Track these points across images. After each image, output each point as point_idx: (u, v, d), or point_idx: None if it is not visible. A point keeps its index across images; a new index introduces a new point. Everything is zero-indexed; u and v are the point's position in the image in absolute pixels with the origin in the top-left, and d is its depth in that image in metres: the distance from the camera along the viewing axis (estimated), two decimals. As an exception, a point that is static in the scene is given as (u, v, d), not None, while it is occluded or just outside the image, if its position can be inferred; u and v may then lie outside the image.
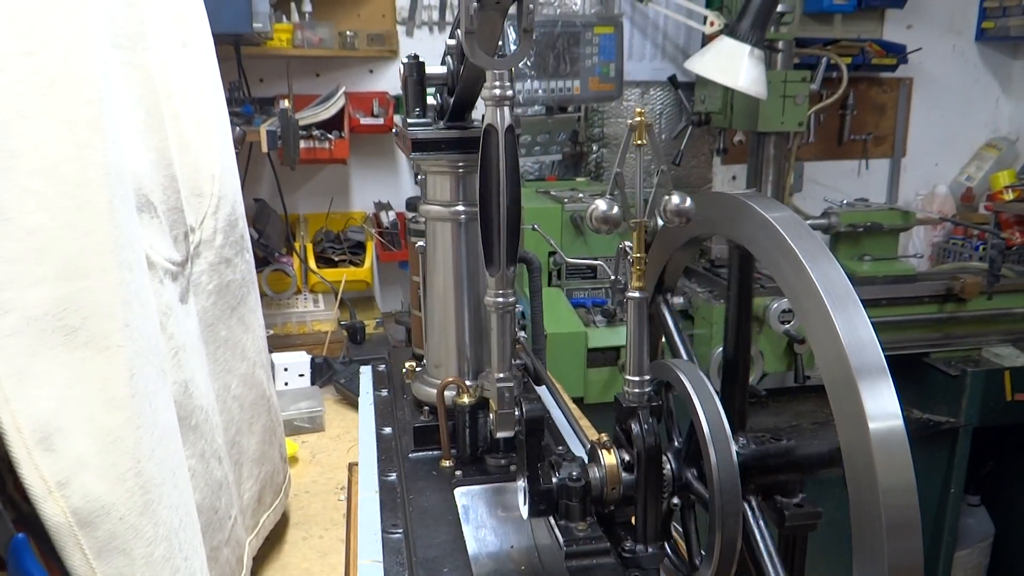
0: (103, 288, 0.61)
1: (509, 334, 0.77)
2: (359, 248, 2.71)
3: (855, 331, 0.61)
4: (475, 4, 0.65)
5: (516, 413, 0.78)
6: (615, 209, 0.73)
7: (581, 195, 2.44)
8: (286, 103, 2.14)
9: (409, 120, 0.95)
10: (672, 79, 3.05)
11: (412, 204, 2.73)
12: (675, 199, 0.73)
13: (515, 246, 0.75)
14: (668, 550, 0.80)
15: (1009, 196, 3.15)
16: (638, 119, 0.73)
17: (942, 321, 2.64)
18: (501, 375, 0.77)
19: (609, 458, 0.77)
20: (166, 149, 0.93)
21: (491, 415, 0.79)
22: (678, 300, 2.45)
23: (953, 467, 2.61)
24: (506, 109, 0.72)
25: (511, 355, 0.78)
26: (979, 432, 2.60)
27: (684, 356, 0.89)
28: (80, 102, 0.63)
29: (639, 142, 0.73)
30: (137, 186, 0.82)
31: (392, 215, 2.73)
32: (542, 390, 1.15)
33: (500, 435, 0.78)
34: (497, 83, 0.72)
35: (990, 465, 2.87)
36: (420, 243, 1.04)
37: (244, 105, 2.31)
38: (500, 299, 0.76)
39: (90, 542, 0.56)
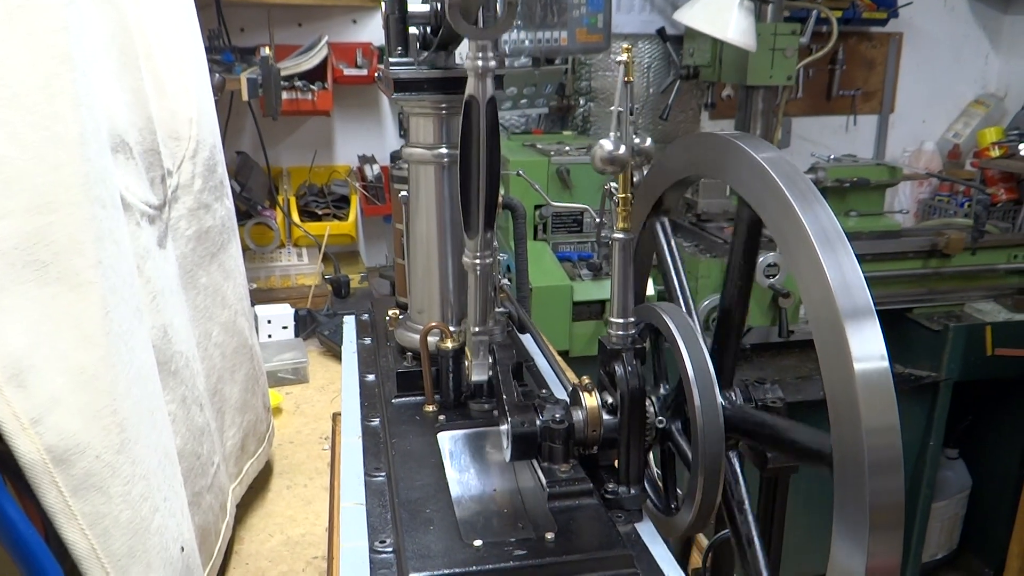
0: (74, 223, 0.59)
1: (486, 291, 0.82)
2: (343, 202, 2.68)
3: (843, 273, 0.60)
4: None
5: (489, 360, 0.83)
6: (621, 148, 0.71)
7: (568, 148, 2.41)
8: (267, 50, 2.10)
9: (391, 60, 0.93)
10: (661, 32, 3.01)
11: (396, 157, 2.70)
12: (634, 139, 0.71)
13: (493, 212, 0.78)
14: (650, 492, 0.80)
15: (995, 153, 3.15)
16: (624, 56, 0.71)
17: (926, 276, 2.65)
18: (477, 329, 0.82)
19: (590, 400, 0.76)
20: (141, 90, 0.90)
21: (466, 363, 0.85)
22: (664, 255, 2.45)
23: (933, 421, 2.65)
24: (489, 80, 0.72)
25: (487, 310, 0.82)
26: (959, 386, 2.63)
27: (677, 285, 0.88)
28: (46, 31, 0.61)
29: (628, 79, 0.71)
30: (111, 126, 0.80)
31: (376, 168, 2.70)
32: (526, 338, 1.15)
33: (475, 380, 0.85)
34: (480, 54, 0.71)
35: (969, 419, 2.91)
36: (403, 193, 1.02)
37: (224, 53, 2.26)
38: (478, 261, 0.80)
39: (66, 479, 0.56)
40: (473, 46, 0.72)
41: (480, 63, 0.72)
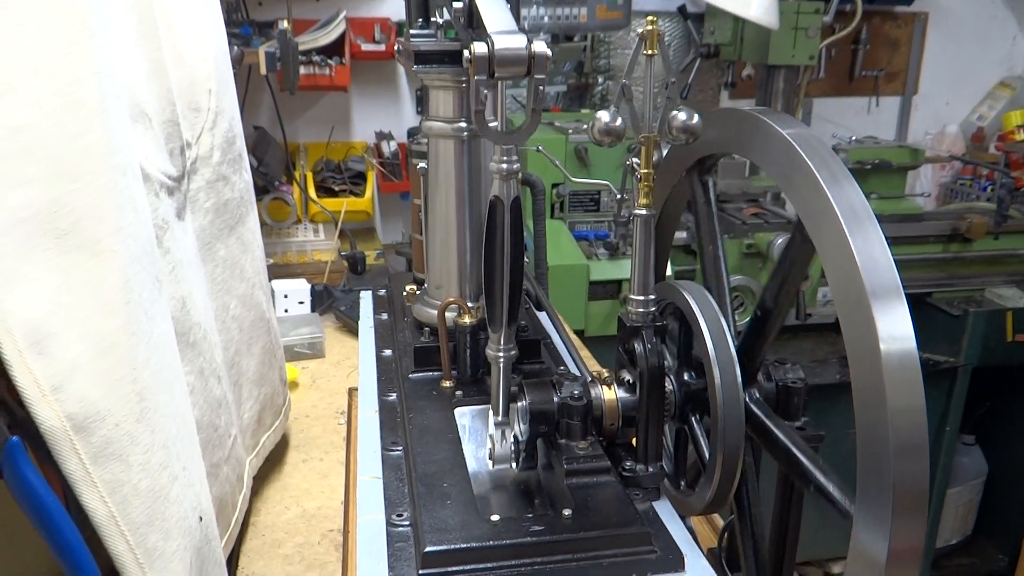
0: (95, 191, 0.59)
1: (509, 382, 0.80)
2: (360, 178, 2.68)
3: (870, 250, 0.59)
4: (484, 84, 0.67)
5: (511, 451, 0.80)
6: (618, 121, 0.71)
7: (586, 126, 2.39)
8: (285, 24, 2.09)
9: (412, 31, 0.92)
10: (681, 9, 2.97)
11: (413, 133, 2.69)
12: (681, 115, 0.70)
13: (516, 308, 0.78)
14: (668, 470, 0.80)
15: (1021, 136, 3.10)
16: (649, 27, 0.70)
17: (947, 261, 2.62)
18: (500, 419, 0.79)
19: (608, 394, 0.76)
20: (160, 59, 0.90)
21: (487, 447, 0.82)
22: (681, 235, 2.43)
23: (950, 406, 2.62)
24: (513, 183, 0.74)
25: (508, 397, 0.80)
26: (978, 372, 2.60)
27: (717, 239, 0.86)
28: (66, -3, 0.60)
29: (649, 52, 0.70)
30: (130, 95, 0.80)
31: (393, 145, 2.69)
32: (542, 315, 1.14)
33: (497, 467, 0.80)
34: (504, 157, 0.73)
35: (987, 405, 2.89)
36: (422, 165, 1.01)
37: (242, 26, 2.25)
38: (501, 353, 0.79)
39: (86, 447, 0.56)
40: (498, 150, 0.73)
41: (505, 166, 0.73)
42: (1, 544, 0.85)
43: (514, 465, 0.79)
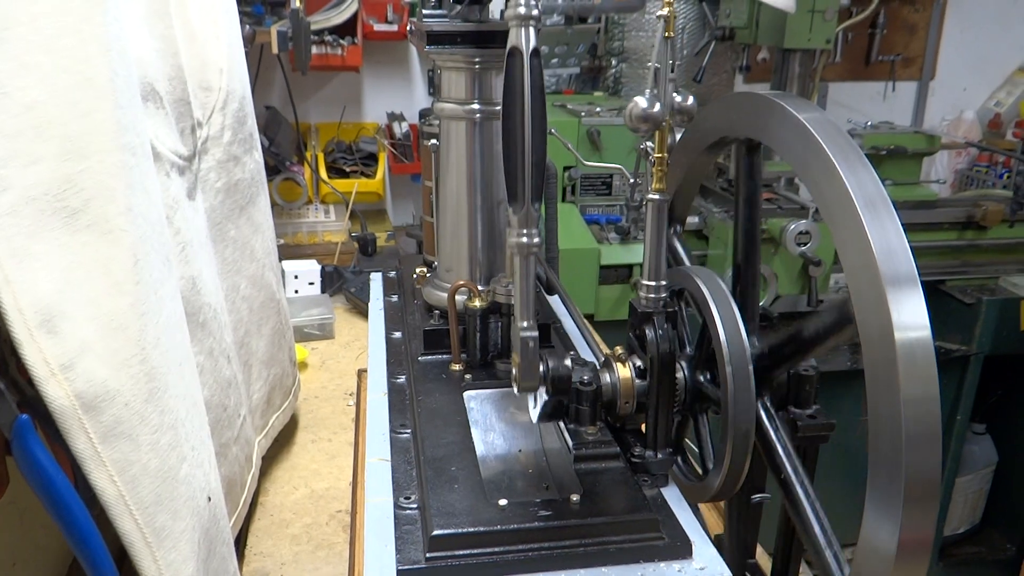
0: (105, 170, 0.59)
1: (532, 279, 0.69)
2: (371, 159, 2.67)
3: (886, 238, 0.58)
4: None
5: (541, 368, 0.71)
6: (656, 106, 0.68)
7: (599, 109, 2.38)
8: (297, 3, 2.07)
9: (424, 11, 0.91)
10: (697, -9, 2.94)
11: (425, 115, 2.67)
12: (677, 98, 0.69)
13: (541, 180, 0.68)
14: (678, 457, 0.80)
15: (1039, 123, 3.06)
16: (666, 10, 0.69)
17: (961, 248, 2.60)
18: (524, 324, 0.68)
19: (623, 371, 0.75)
20: (171, 38, 0.89)
21: (513, 369, 0.72)
22: (693, 220, 2.41)
23: (962, 395, 2.61)
24: (531, 29, 0.66)
25: (535, 302, 0.70)
26: (990, 361, 2.59)
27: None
28: (77, -27, 0.60)
29: (669, 34, 0.69)
30: (141, 73, 0.79)
31: (405, 126, 2.68)
32: (554, 300, 1.14)
33: (523, 391, 0.71)
34: (522, 1, 0.66)
35: (998, 394, 2.87)
36: (433, 141, 1.00)
37: (254, 5, 2.24)
38: (524, 239, 0.67)
39: (95, 426, 0.56)
40: None
41: (522, 9, 0.65)
42: (11, 522, 0.86)
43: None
